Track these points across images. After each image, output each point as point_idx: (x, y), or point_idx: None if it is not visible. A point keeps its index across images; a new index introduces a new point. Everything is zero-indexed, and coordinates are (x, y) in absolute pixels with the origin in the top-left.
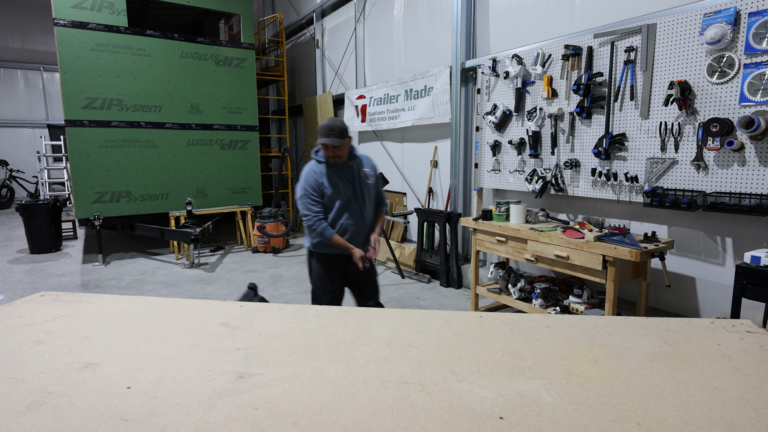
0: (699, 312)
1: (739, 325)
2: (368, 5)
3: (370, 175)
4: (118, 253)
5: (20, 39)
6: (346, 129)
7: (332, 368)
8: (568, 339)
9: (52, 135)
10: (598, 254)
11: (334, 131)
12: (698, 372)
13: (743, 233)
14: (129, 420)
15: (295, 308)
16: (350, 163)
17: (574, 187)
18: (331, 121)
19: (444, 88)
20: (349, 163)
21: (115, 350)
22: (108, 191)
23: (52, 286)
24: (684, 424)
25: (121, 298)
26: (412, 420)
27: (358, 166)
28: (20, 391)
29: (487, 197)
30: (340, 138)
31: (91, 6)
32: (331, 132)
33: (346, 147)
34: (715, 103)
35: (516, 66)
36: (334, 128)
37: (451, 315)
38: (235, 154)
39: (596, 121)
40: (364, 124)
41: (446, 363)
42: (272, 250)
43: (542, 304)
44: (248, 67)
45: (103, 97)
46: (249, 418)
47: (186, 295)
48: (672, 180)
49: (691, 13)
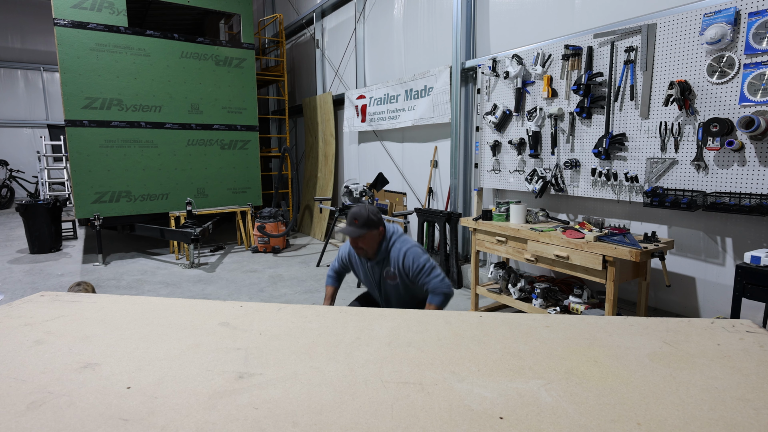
0: (699, 312)
1: (739, 325)
2: (368, 5)
3: (392, 276)
4: (118, 253)
5: (20, 39)
6: (374, 220)
7: (332, 368)
8: (568, 339)
9: (52, 135)
10: (598, 254)
11: (357, 220)
12: (698, 372)
13: (743, 233)
14: (129, 420)
15: (295, 308)
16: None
17: (574, 187)
18: (359, 208)
19: (444, 88)
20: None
21: (115, 350)
22: (108, 191)
23: (52, 286)
24: (684, 424)
25: (121, 298)
26: (412, 420)
27: (383, 266)
28: (20, 391)
29: (487, 197)
30: (362, 228)
31: (91, 6)
32: (354, 221)
33: (372, 240)
34: (715, 103)
35: (516, 66)
36: (358, 217)
37: (451, 315)
38: (235, 154)
39: (596, 121)
40: (364, 124)
41: (446, 363)
42: (272, 250)
43: (542, 304)
44: (248, 67)
45: (103, 97)
46: (249, 418)
47: (186, 295)
48: (672, 180)
49: (691, 13)
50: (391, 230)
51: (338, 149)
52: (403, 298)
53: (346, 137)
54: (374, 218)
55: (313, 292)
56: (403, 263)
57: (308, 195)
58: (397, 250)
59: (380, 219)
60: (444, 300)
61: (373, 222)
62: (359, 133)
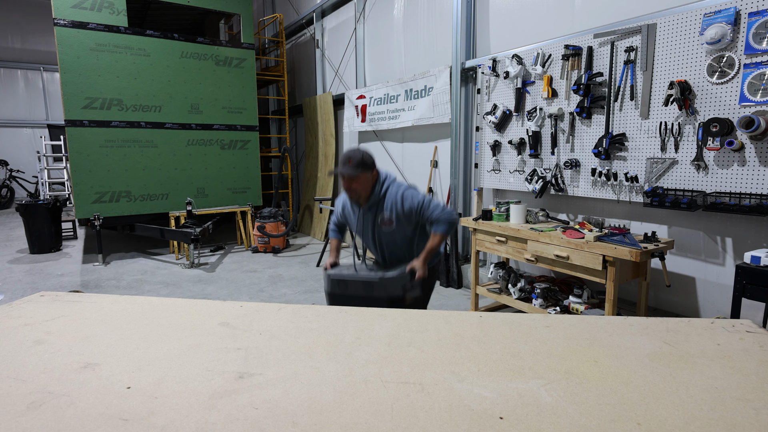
0: (699, 312)
1: (739, 325)
2: (368, 5)
3: (387, 221)
4: (118, 253)
5: (20, 39)
6: (367, 162)
7: (332, 368)
8: (568, 339)
9: (52, 135)
10: (598, 254)
11: (351, 160)
12: (698, 372)
13: (743, 233)
14: (129, 420)
15: (295, 308)
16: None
17: (574, 187)
18: (352, 150)
19: (444, 88)
20: (369, 205)
21: (115, 350)
22: (108, 191)
23: (52, 286)
24: (684, 424)
25: (121, 298)
26: (412, 420)
27: (376, 213)
28: (20, 391)
29: (487, 197)
30: (356, 169)
31: (91, 6)
32: (348, 161)
33: (365, 183)
34: (715, 103)
35: (516, 66)
36: (352, 157)
37: (451, 315)
38: (235, 154)
39: (596, 121)
40: (364, 124)
41: (446, 363)
42: (272, 250)
43: (542, 304)
44: (248, 67)
45: (103, 97)
46: (249, 418)
47: (186, 295)
48: (672, 180)
49: (691, 13)
50: (384, 175)
51: (338, 149)
52: (399, 245)
53: (346, 137)
54: (368, 160)
55: (313, 292)
56: (402, 205)
57: (308, 195)
58: (393, 194)
59: (374, 162)
60: (449, 227)
61: (366, 164)
62: (359, 133)
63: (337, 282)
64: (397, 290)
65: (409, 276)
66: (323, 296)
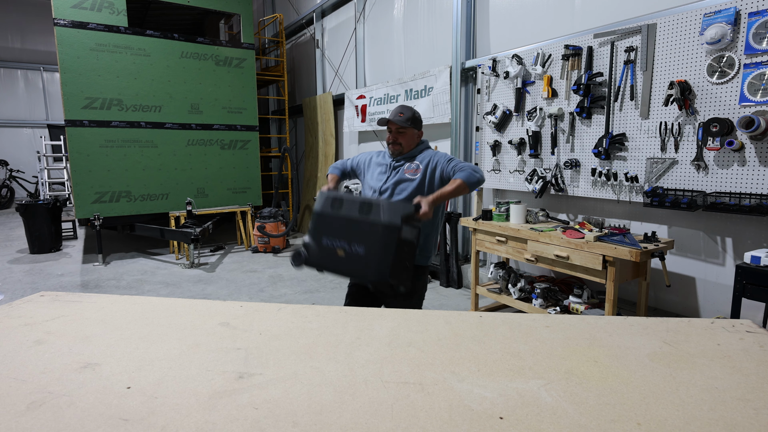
0: (699, 312)
1: (739, 325)
2: (368, 5)
3: (414, 169)
4: (118, 253)
5: (20, 39)
6: (417, 119)
7: (332, 368)
8: (568, 339)
9: (52, 135)
10: (598, 254)
11: (403, 113)
12: (698, 372)
13: (743, 233)
14: (129, 420)
15: (295, 308)
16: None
17: (574, 187)
18: (404, 106)
19: (444, 88)
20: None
21: (115, 350)
22: (108, 191)
23: (52, 286)
24: (684, 424)
25: (121, 298)
26: (412, 420)
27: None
28: (20, 391)
29: (487, 197)
30: (407, 122)
31: (91, 6)
32: (399, 114)
33: (411, 139)
34: (715, 103)
35: (516, 66)
36: (405, 111)
37: (451, 315)
38: (235, 154)
39: (596, 121)
40: (364, 124)
41: (446, 363)
42: (272, 250)
43: (542, 304)
44: (248, 67)
45: (103, 97)
46: (249, 418)
47: (186, 295)
48: (672, 180)
49: (691, 13)
50: (426, 142)
51: (338, 149)
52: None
53: (346, 137)
54: (419, 118)
55: (313, 292)
56: (434, 160)
57: (308, 195)
58: (428, 153)
59: (422, 123)
60: (470, 175)
61: (417, 121)
62: (359, 133)
63: (332, 199)
64: (396, 218)
65: (413, 209)
66: (323, 296)
